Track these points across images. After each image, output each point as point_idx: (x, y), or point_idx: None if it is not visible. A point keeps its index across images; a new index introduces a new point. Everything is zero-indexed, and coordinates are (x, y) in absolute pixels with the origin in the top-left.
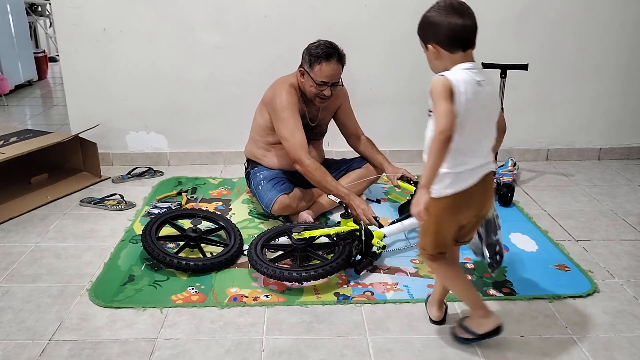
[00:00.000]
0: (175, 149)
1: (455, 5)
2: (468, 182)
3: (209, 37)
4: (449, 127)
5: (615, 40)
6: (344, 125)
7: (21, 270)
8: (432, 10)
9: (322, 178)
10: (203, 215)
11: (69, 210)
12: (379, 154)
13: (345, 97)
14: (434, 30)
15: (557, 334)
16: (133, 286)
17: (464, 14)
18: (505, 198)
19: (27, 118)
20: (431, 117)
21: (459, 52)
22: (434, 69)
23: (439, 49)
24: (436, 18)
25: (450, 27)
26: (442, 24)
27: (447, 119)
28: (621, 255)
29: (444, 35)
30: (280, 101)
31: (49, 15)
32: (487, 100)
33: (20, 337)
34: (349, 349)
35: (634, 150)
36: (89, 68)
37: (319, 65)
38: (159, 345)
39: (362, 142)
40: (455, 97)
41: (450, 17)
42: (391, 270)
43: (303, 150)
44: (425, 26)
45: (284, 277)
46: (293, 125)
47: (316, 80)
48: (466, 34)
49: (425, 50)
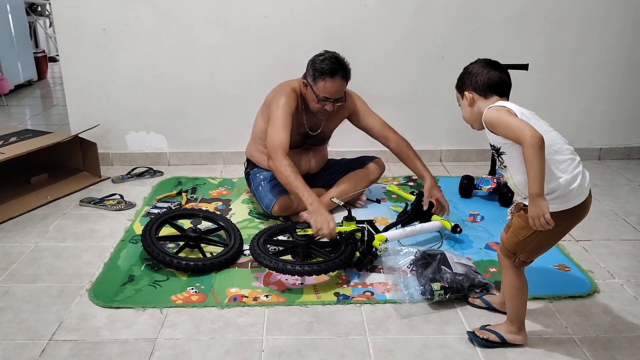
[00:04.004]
0: (175, 149)
1: (495, 62)
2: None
3: (209, 37)
4: (533, 130)
5: (615, 40)
6: (367, 129)
7: (21, 270)
8: (471, 64)
9: (291, 179)
10: (203, 215)
11: (69, 210)
12: (417, 161)
13: (355, 104)
14: (472, 78)
15: (557, 334)
16: (133, 286)
17: (502, 70)
18: (505, 198)
19: (27, 118)
20: (505, 154)
21: (494, 97)
22: (466, 115)
23: (474, 95)
24: (475, 69)
25: (488, 75)
26: (480, 73)
27: (526, 125)
28: (621, 255)
29: (481, 83)
30: (277, 101)
31: (48, 15)
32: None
33: (20, 337)
34: (349, 349)
35: (634, 150)
36: (88, 68)
37: (322, 82)
38: (159, 345)
39: (394, 146)
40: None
41: (488, 69)
42: (391, 270)
43: (281, 150)
44: (464, 76)
45: (286, 270)
46: (281, 124)
47: (319, 96)
48: (502, 84)
49: (461, 99)
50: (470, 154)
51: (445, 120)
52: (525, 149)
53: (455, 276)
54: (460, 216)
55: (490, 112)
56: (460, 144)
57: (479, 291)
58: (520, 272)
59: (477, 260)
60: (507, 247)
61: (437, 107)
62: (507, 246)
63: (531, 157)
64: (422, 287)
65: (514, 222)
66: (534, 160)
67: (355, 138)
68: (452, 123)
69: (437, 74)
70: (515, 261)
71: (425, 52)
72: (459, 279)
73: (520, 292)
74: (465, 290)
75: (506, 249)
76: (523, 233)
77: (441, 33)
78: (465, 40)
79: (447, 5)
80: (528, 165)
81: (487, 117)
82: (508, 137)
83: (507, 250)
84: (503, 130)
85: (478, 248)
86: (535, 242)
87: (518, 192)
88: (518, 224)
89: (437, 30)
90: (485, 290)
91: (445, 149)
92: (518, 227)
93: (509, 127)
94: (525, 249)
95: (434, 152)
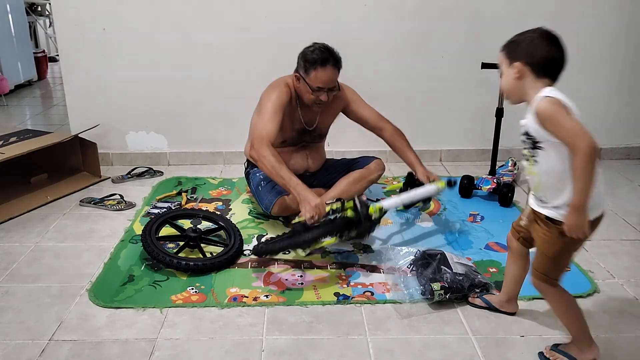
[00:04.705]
0: (175, 149)
1: (558, 38)
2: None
3: (209, 37)
4: (590, 138)
5: (615, 40)
6: (362, 121)
7: (21, 270)
8: (531, 32)
9: (276, 168)
10: (203, 215)
11: (69, 210)
12: (410, 151)
13: (350, 97)
14: (530, 50)
15: (558, 334)
16: (133, 286)
17: (562, 50)
18: (505, 198)
19: (26, 118)
20: (542, 150)
21: (545, 79)
22: (507, 86)
23: (526, 71)
24: (536, 40)
25: (549, 53)
26: (541, 47)
27: (583, 130)
28: (621, 255)
29: (539, 59)
30: (268, 95)
31: (49, 15)
32: None
33: (20, 337)
34: (349, 349)
35: (634, 150)
36: (88, 68)
37: (314, 72)
38: (159, 345)
39: (388, 136)
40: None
41: (550, 46)
42: (391, 270)
43: (266, 139)
44: (520, 43)
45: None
46: (269, 116)
47: (312, 87)
48: (558, 67)
49: (507, 66)
50: (470, 154)
51: (445, 120)
52: (579, 157)
53: (455, 276)
54: (460, 216)
55: (547, 104)
56: (460, 144)
57: (478, 291)
58: (560, 290)
59: (477, 260)
60: (541, 271)
61: (437, 107)
62: (541, 270)
63: (583, 167)
64: (422, 287)
65: (539, 244)
66: (587, 170)
67: (355, 137)
68: (452, 123)
69: (437, 74)
70: (551, 282)
71: (425, 52)
72: (459, 279)
73: (572, 308)
74: (465, 290)
75: (540, 273)
76: (552, 251)
77: (441, 33)
78: (465, 40)
79: (447, 5)
80: (578, 175)
81: (542, 109)
82: (558, 138)
83: (541, 274)
84: (556, 129)
85: (478, 248)
86: (566, 255)
87: (539, 191)
88: (544, 243)
89: (437, 30)
90: (485, 290)
91: (445, 149)
92: (545, 246)
93: (564, 129)
94: (556, 266)
95: (434, 152)
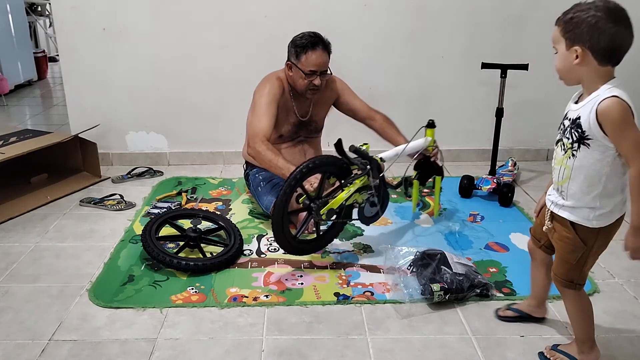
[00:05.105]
0: (175, 149)
1: (624, 14)
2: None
3: (209, 37)
4: None
5: None
6: (353, 112)
7: (21, 270)
8: (594, 7)
9: (274, 161)
10: (203, 215)
11: (69, 210)
12: (400, 137)
13: (341, 88)
14: (594, 34)
15: (557, 334)
16: (133, 286)
17: (630, 28)
18: (505, 198)
19: (26, 118)
20: (587, 147)
21: (608, 66)
22: (563, 68)
23: (589, 56)
24: (601, 23)
25: (616, 37)
26: (607, 32)
27: None
28: (621, 255)
29: (605, 45)
30: (260, 90)
31: (49, 15)
32: None
33: (20, 337)
34: (349, 349)
35: None
36: (88, 68)
37: (305, 55)
38: (159, 345)
39: (377, 123)
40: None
41: (618, 28)
42: (391, 270)
43: (261, 135)
44: (581, 24)
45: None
46: (263, 111)
47: (304, 70)
48: (625, 51)
49: (565, 46)
50: (470, 154)
51: (446, 120)
52: (638, 172)
53: (455, 276)
54: (461, 216)
55: (616, 107)
56: (460, 144)
57: (478, 291)
58: (583, 294)
59: (477, 260)
60: (564, 277)
61: (437, 107)
62: (563, 276)
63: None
64: (422, 287)
65: (559, 249)
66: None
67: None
68: (452, 123)
69: (437, 74)
70: (576, 287)
71: (425, 52)
72: (458, 279)
73: (588, 314)
74: (465, 291)
75: (563, 280)
76: (574, 257)
77: (441, 33)
78: (465, 40)
79: (447, 5)
80: (637, 193)
81: (609, 111)
82: (616, 145)
83: (565, 281)
84: (618, 137)
85: (478, 248)
86: (589, 261)
87: (562, 185)
88: (565, 249)
89: (437, 30)
90: (485, 290)
91: (445, 149)
92: (566, 252)
93: (629, 139)
94: (581, 272)
95: None
